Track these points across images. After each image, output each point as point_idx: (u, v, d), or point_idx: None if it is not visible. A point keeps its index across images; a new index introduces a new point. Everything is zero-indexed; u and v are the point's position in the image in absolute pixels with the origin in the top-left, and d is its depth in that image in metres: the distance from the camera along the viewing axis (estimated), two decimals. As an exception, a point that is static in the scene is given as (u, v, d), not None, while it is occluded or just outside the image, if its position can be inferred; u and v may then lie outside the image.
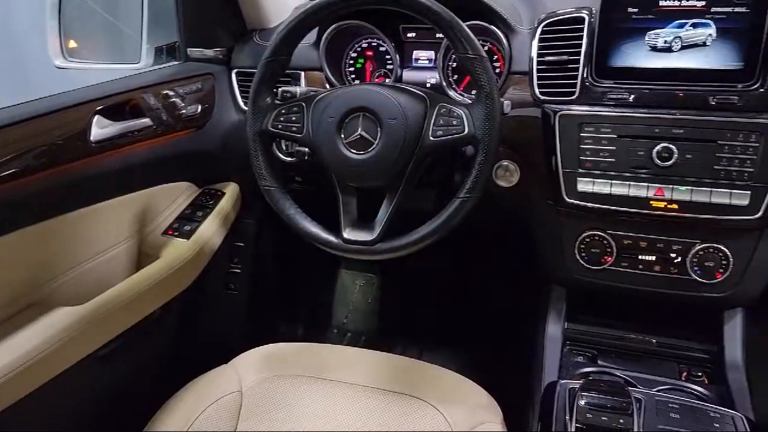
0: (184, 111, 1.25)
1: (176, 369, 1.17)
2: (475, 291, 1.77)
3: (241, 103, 1.34)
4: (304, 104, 0.98)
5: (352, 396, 1.00)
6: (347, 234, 0.95)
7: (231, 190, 1.42)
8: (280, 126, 0.98)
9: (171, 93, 1.22)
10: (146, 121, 1.17)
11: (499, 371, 1.28)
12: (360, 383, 1.02)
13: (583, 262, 1.09)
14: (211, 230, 1.32)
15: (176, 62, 1.34)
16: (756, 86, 0.94)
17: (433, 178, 1.11)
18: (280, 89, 1.04)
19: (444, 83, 1.21)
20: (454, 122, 0.91)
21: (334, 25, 1.23)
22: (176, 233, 1.29)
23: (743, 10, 0.94)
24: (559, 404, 0.95)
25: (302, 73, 1.27)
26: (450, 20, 0.89)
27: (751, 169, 0.95)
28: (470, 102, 0.93)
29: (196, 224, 1.31)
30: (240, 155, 1.14)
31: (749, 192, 0.95)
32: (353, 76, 1.31)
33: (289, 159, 1.26)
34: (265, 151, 1.00)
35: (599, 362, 1.11)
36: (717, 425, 0.89)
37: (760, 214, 0.95)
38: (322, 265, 1.85)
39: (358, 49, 1.30)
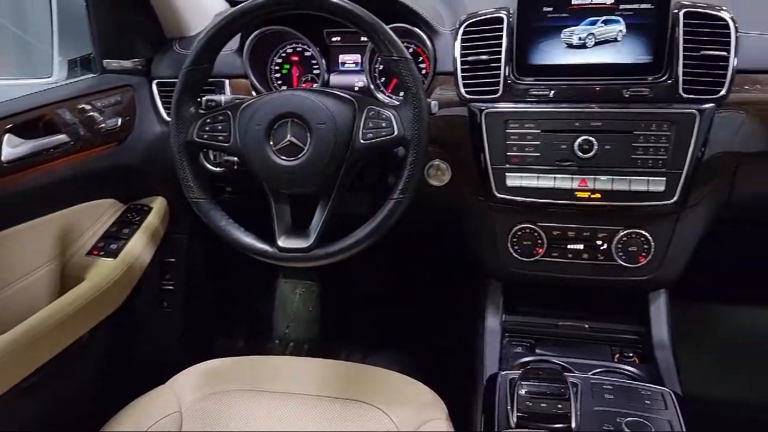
0: (103, 125, 1.20)
1: (110, 394, 1.12)
2: (415, 291, 1.79)
3: (164, 114, 1.29)
4: (229, 112, 0.96)
5: (297, 406, 0.99)
6: (282, 242, 0.94)
7: (158, 204, 1.37)
8: (205, 136, 0.96)
9: (88, 107, 1.17)
10: (62, 137, 1.11)
11: (443, 368, 1.30)
12: (304, 392, 1.01)
13: (516, 255, 1.12)
14: (139, 247, 1.27)
15: (92, 75, 1.28)
16: (664, 78, 1.00)
17: (366, 181, 1.12)
18: (203, 98, 1.01)
19: (372, 86, 1.22)
20: (383, 124, 0.92)
21: (257, 31, 1.21)
22: (102, 253, 1.23)
23: (649, 6, 1.00)
24: (500, 395, 0.97)
25: (226, 81, 1.25)
26: (373, 23, 0.89)
27: (664, 157, 1.00)
28: (398, 103, 0.94)
29: (122, 242, 1.26)
30: (165, 168, 1.11)
31: (664, 178, 1.01)
32: (280, 82, 1.29)
33: (217, 169, 1.23)
34: (192, 163, 0.97)
35: (537, 351, 1.14)
36: (648, 402, 0.93)
37: (675, 198, 1.01)
38: (260, 276, 1.82)
39: (283, 54, 1.29)
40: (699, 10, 0.99)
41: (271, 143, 0.93)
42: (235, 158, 1.10)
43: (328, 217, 0.94)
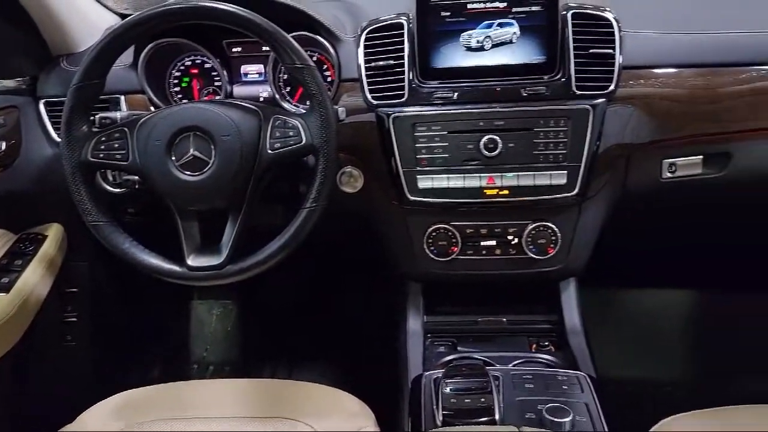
0: (-15, 150, 1.11)
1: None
2: (335, 299, 1.78)
3: (54, 135, 1.21)
4: (126, 129, 0.91)
5: (219, 429, 0.95)
6: (192, 261, 0.90)
7: (54, 231, 1.28)
8: (101, 155, 0.91)
9: (-34, 131, 1.08)
10: (-62, 165, 1.01)
11: (369, 375, 1.29)
12: (226, 415, 0.97)
13: (432, 256, 1.13)
14: (34, 279, 1.18)
15: (-30, 97, 1.19)
16: (559, 77, 1.05)
17: (278, 192, 1.09)
18: (97, 116, 0.96)
19: (277, 96, 1.20)
20: (291, 133, 0.90)
21: (151, 44, 1.16)
22: (-8, 288, 1.13)
23: (539, 9, 1.04)
24: (425, 396, 0.97)
25: (122, 98, 1.18)
26: (273, 32, 0.88)
27: (564, 151, 1.05)
28: (305, 112, 0.92)
29: (15, 275, 1.16)
30: (59, 192, 1.03)
31: (565, 172, 1.05)
32: (180, 95, 1.25)
33: (117, 190, 1.16)
34: (88, 184, 0.92)
35: (459, 349, 1.16)
36: (565, 387, 0.97)
37: (576, 190, 1.06)
38: (172, 299, 1.74)
39: (182, 67, 1.24)
40: (585, 11, 1.05)
41: (174, 159, 0.89)
42: (136, 177, 1.04)
43: (239, 232, 0.91)
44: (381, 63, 1.07)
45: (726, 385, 1.60)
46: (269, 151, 0.90)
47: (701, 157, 1.15)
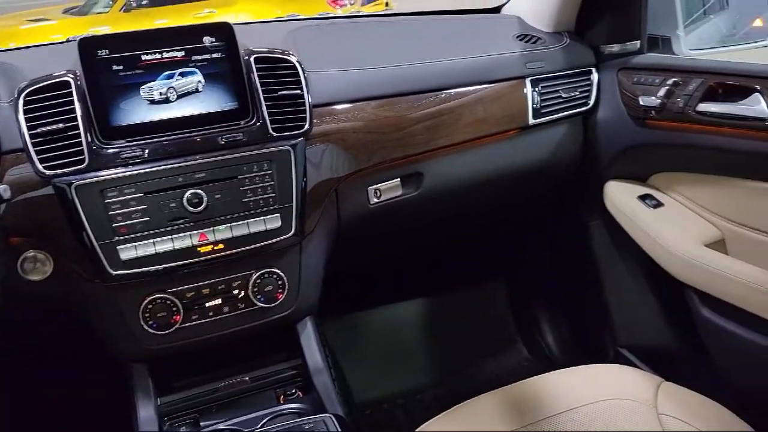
0: None
1: None
2: (55, 404, 1.50)
3: None
4: None
5: None
6: None
7: None
8: None
9: None
10: None
11: None
12: None
13: (153, 331, 1.01)
14: None
15: None
16: (254, 121, 1.03)
17: None
18: None
19: None
20: None
21: None
22: None
23: (220, 56, 1.02)
24: None
25: None
26: None
27: (273, 194, 1.04)
28: None
29: None
30: None
31: (279, 214, 1.04)
32: None
33: None
34: None
35: (203, 424, 1.06)
36: None
37: (293, 231, 1.06)
38: None
39: None
40: (267, 55, 1.06)
41: None
42: None
43: None
44: (50, 128, 0.93)
45: (466, 376, 1.77)
46: None
47: (399, 179, 1.25)
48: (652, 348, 1.46)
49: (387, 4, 7.85)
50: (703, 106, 1.14)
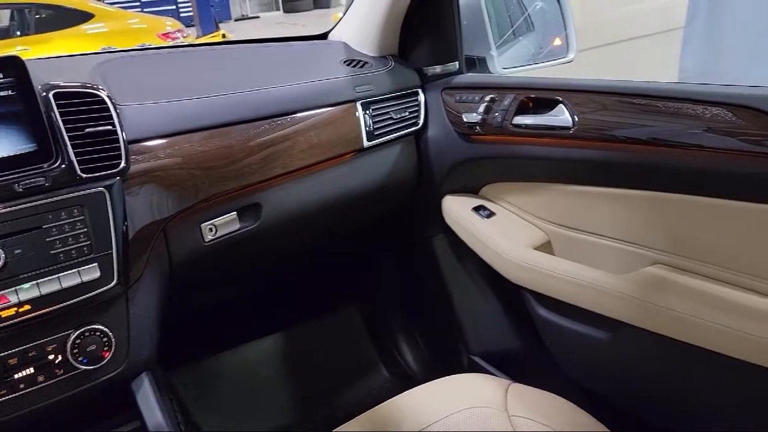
0: None
1: None
2: None
3: None
4: None
5: None
6: None
7: None
8: None
9: None
10: None
11: None
12: None
13: None
14: None
15: None
16: (59, 163, 0.92)
17: None
18: None
19: None
20: None
21: None
22: None
23: (10, 93, 0.90)
24: None
25: None
26: None
27: (88, 242, 0.93)
28: None
29: None
30: None
31: (96, 264, 0.94)
32: None
33: None
34: None
35: None
36: None
37: (115, 281, 0.95)
38: None
39: None
40: (68, 90, 0.95)
41: None
42: None
43: None
44: None
45: (333, 407, 1.73)
46: None
47: (235, 213, 1.19)
48: (500, 352, 1.53)
49: (224, 36, 7.70)
50: (518, 119, 1.21)
